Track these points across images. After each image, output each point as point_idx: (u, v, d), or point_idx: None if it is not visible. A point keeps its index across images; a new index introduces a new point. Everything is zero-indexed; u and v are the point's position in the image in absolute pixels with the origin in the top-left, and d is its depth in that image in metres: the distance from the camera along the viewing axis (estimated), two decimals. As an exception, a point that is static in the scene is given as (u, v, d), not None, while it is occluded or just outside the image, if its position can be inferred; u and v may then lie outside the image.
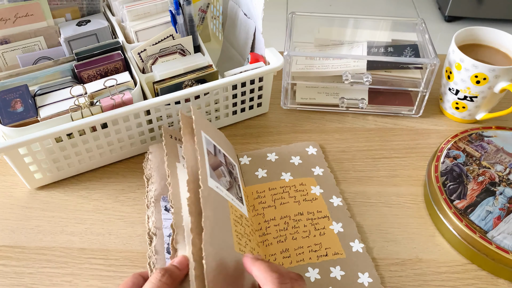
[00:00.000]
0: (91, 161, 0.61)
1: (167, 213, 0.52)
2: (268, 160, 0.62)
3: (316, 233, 0.53)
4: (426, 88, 0.67)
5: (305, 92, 0.72)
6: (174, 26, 0.66)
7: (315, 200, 0.56)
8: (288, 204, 0.56)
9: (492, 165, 0.57)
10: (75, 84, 0.60)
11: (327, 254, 0.51)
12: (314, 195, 0.57)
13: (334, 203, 0.56)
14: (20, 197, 0.59)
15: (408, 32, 0.75)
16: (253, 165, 0.61)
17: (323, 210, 0.55)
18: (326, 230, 0.53)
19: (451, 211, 0.52)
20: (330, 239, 0.52)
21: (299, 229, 0.53)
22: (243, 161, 0.62)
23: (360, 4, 2.43)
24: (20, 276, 0.51)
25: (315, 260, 0.50)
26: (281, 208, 0.55)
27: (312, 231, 0.53)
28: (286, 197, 0.57)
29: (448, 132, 0.69)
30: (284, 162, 0.61)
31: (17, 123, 0.55)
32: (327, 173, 0.60)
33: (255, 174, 0.60)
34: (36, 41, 0.64)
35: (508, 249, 0.48)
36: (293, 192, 0.57)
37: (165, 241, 0.49)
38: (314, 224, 0.54)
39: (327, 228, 0.53)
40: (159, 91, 0.60)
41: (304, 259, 0.50)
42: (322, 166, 0.61)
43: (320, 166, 0.61)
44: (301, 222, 0.54)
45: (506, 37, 0.67)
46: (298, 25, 0.74)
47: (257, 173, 0.60)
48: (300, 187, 0.58)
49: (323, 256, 0.50)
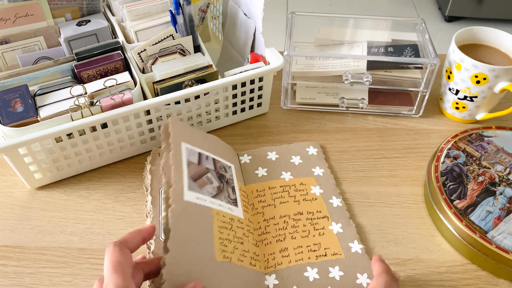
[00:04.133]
0: (91, 161, 0.61)
1: None
2: (268, 159, 0.62)
3: (316, 233, 0.53)
4: (426, 88, 0.67)
5: (305, 92, 0.72)
6: (174, 26, 0.66)
7: (315, 200, 0.56)
8: (288, 204, 0.56)
9: (492, 165, 0.57)
10: (75, 84, 0.60)
11: (326, 254, 0.51)
12: (314, 195, 0.57)
13: (333, 203, 0.56)
14: (20, 197, 0.59)
15: (408, 32, 0.75)
16: (254, 163, 0.61)
17: (322, 210, 0.55)
18: (325, 230, 0.53)
19: (451, 211, 0.52)
20: (329, 240, 0.52)
21: (298, 229, 0.53)
22: (243, 160, 0.62)
23: (360, 4, 2.43)
24: (20, 276, 0.51)
25: (314, 260, 0.50)
26: (280, 207, 0.55)
27: (311, 231, 0.53)
28: (286, 196, 0.57)
29: (448, 132, 0.69)
30: (285, 161, 0.61)
31: (17, 123, 0.55)
32: (327, 173, 0.60)
33: (255, 173, 0.60)
34: (36, 41, 0.64)
35: (508, 249, 0.48)
36: (293, 191, 0.57)
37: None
38: (314, 224, 0.54)
39: (326, 228, 0.53)
40: (159, 91, 0.60)
41: (303, 258, 0.50)
42: (322, 166, 0.61)
43: (320, 166, 0.61)
44: (301, 221, 0.54)
45: (506, 37, 0.67)
46: (298, 25, 0.74)
47: (257, 171, 0.60)
48: (300, 186, 0.58)
49: (322, 256, 0.50)
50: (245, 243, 0.50)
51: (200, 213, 0.46)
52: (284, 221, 0.54)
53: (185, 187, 0.46)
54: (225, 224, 0.48)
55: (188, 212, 0.45)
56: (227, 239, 0.47)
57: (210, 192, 0.49)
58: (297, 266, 0.50)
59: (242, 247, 0.49)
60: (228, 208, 0.50)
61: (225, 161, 0.56)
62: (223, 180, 0.53)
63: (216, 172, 0.53)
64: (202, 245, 0.44)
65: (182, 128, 0.52)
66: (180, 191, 0.45)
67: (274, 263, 0.50)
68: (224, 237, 0.47)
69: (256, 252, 0.51)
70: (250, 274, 0.48)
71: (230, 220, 0.49)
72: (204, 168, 0.51)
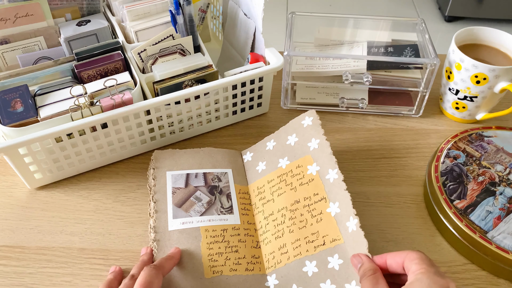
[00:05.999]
0: (91, 161, 0.61)
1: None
2: (267, 150, 0.60)
3: (313, 220, 0.51)
4: (426, 88, 0.67)
5: (305, 92, 0.72)
6: (174, 26, 0.66)
7: (312, 182, 0.54)
8: (285, 194, 0.55)
9: (492, 165, 0.57)
10: (75, 84, 0.60)
11: (325, 243, 0.49)
12: (310, 176, 0.54)
13: (330, 179, 0.53)
14: (20, 197, 0.59)
15: (408, 32, 0.75)
16: (254, 160, 0.61)
17: (319, 192, 0.53)
18: (323, 215, 0.51)
19: (451, 211, 0.52)
20: (328, 225, 0.50)
21: (295, 220, 0.52)
22: (246, 158, 0.62)
23: (360, 4, 2.43)
24: (20, 276, 0.51)
25: (313, 251, 0.49)
26: (278, 200, 0.55)
27: (309, 219, 0.51)
28: (283, 186, 0.55)
29: (448, 132, 0.69)
30: (281, 147, 0.59)
31: (17, 123, 0.55)
32: (323, 142, 0.56)
33: (256, 169, 0.60)
34: (36, 41, 0.64)
35: (508, 249, 0.48)
36: (289, 178, 0.56)
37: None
38: (311, 210, 0.52)
39: (324, 212, 0.51)
40: (159, 91, 0.60)
41: (301, 252, 0.49)
42: (318, 136, 0.56)
43: (315, 137, 0.57)
44: (298, 211, 0.53)
45: (506, 37, 0.67)
46: (298, 25, 0.74)
47: (258, 167, 0.60)
48: (297, 170, 0.56)
49: (321, 246, 0.49)
50: (241, 250, 0.51)
51: (186, 237, 0.51)
52: (282, 214, 0.53)
53: (169, 217, 0.53)
54: (216, 238, 0.52)
55: (175, 240, 0.51)
56: (217, 253, 0.50)
57: (198, 211, 0.54)
58: (296, 262, 0.49)
59: (236, 255, 0.50)
60: (220, 220, 0.53)
61: (219, 170, 0.58)
62: (216, 191, 0.56)
63: (207, 186, 0.57)
64: (190, 267, 0.49)
65: (168, 157, 0.59)
66: (165, 222, 0.52)
67: (274, 262, 0.50)
68: (214, 252, 0.50)
69: (255, 255, 0.51)
70: (247, 280, 0.49)
71: (222, 231, 0.52)
72: (192, 188, 0.56)
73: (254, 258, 0.51)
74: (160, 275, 0.44)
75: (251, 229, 0.54)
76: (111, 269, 0.50)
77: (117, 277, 0.49)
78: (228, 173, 0.58)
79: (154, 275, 0.43)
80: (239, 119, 0.70)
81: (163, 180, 0.56)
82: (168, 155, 0.60)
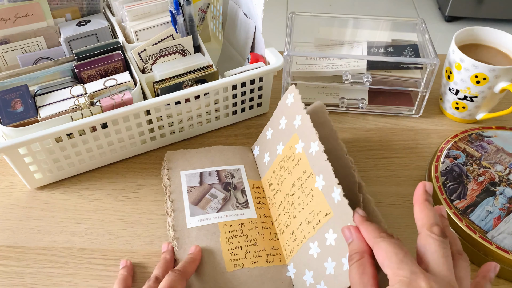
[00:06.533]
0: (91, 161, 0.61)
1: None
2: (267, 140, 0.60)
3: (307, 200, 0.50)
4: (426, 88, 0.67)
5: (305, 92, 0.72)
6: (174, 26, 0.66)
7: (300, 160, 0.52)
8: (285, 180, 0.54)
9: (492, 165, 0.57)
10: (75, 84, 0.60)
11: (320, 220, 0.47)
12: (298, 155, 0.53)
13: (312, 152, 0.50)
14: (20, 197, 0.59)
15: (408, 32, 0.75)
16: (261, 153, 0.61)
17: (307, 169, 0.51)
18: (313, 192, 0.49)
19: (451, 211, 0.52)
20: (318, 200, 0.48)
21: (295, 204, 0.51)
22: (255, 153, 0.62)
23: (360, 4, 2.43)
24: (20, 276, 0.51)
25: (313, 232, 0.48)
26: (282, 187, 0.54)
27: (304, 199, 0.50)
28: (282, 173, 0.55)
29: (448, 132, 0.69)
30: (276, 133, 0.58)
31: (17, 123, 0.55)
32: (304, 117, 0.53)
33: (263, 162, 0.59)
34: (36, 41, 0.64)
35: (508, 249, 0.48)
36: (286, 163, 0.55)
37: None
38: (304, 189, 0.51)
39: (313, 188, 0.49)
40: (159, 91, 0.60)
41: (305, 236, 0.49)
42: (300, 111, 0.54)
43: (298, 113, 0.54)
44: (296, 194, 0.52)
45: (506, 37, 0.67)
46: (298, 25, 0.74)
47: (264, 159, 0.59)
48: (289, 152, 0.54)
49: (318, 224, 0.47)
50: (260, 243, 0.52)
51: (205, 233, 0.52)
52: (287, 202, 0.53)
53: (187, 215, 0.53)
54: (234, 232, 0.52)
55: (194, 237, 0.51)
56: (237, 247, 0.51)
57: (215, 207, 0.54)
58: (303, 247, 0.49)
59: (256, 248, 0.51)
60: (236, 215, 0.54)
61: (232, 166, 0.59)
62: (230, 187, 0.57)
63: (221, 183, 0.57)
64: (212, 262, 0.49)
65: (180, 157, 0.60)
66: (183, 221, 0.53)
67: (289, 251, 0.51)
68: (233, 246, 0.51)
69: (274, 247, 0.52)
70: (269, 271, 0.49)
71: (239, 226, 0.53)
72: (207, 186, 0.57)
73: (273, 249, 0.51)
74: (184, 280, 0.45)
75: (268, 222, 0.54)
76: (122, 263, 0.51)
77: (130, 273, 0.50)
78: (240, 169, 0.59)
79: (178, 280, 0.44)
80: (239, 119, 0.70)
81: (178, 180, 0.57)
82: (180, 155, 0.61)
